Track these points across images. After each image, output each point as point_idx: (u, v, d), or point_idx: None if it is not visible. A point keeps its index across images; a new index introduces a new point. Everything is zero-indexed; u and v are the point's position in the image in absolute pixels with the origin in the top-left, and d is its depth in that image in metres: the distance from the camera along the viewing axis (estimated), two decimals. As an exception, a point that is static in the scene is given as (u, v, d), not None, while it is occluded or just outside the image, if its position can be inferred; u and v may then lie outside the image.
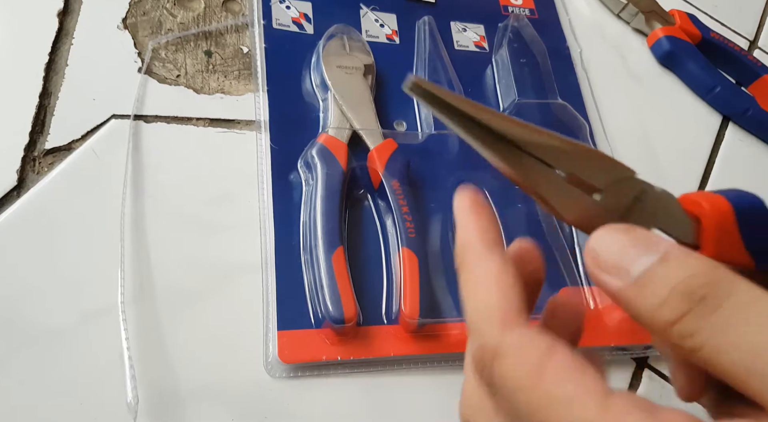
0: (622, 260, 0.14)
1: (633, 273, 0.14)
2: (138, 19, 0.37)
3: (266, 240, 0.32)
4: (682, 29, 0.49)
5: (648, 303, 0.14)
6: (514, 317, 0.15)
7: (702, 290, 0.13)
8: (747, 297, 0.13)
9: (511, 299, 0.15)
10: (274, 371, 0.29)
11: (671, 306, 0.13)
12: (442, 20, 0.43)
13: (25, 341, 0.27)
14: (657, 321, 0.14)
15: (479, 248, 0.17)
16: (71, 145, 0.32)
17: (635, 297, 0.14)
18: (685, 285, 0.13)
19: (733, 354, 0.13)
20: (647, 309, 0.14)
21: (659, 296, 0.14)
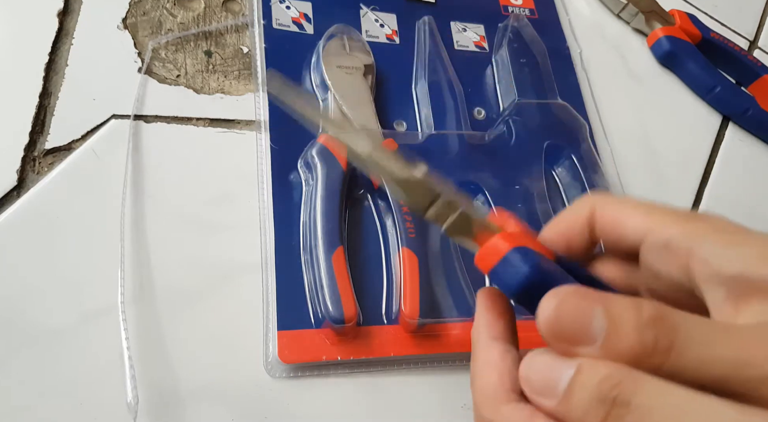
0: (549, 379, 0.16)
1: (558, 390, 0.16)
2: (138, 19, 0.37)
3: (266, 240, 0.32)
4: (682, 29, 0.49)
5: (576, 416, 0.15)
6: (506, 396, 0.18)
7: (612, 392, 0.15)
8: (653, 390, 0.14)
9: (505, 381, 0.18)
10: (274, 371, 0.29)
11: (593, 414, 0.15)
12: (442, 20, 0.43)
13: (25, 341, 0.27)
14: None
15: (484, 337, 0.20)
16: (71, 145, 0.32)
17: (566, 412, 0.16)
18: (598, 392, 0.15)
19: None
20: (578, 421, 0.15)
21: (582, 407, 0.15)
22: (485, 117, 0.40)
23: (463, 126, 0.38)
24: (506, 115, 0.40)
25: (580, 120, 0.40)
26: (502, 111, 0.41)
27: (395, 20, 0.42)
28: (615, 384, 0.15)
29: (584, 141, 0.40)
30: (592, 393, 0.15)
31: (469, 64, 0.42)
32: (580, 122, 0.40)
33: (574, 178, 0.39)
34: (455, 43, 0.43)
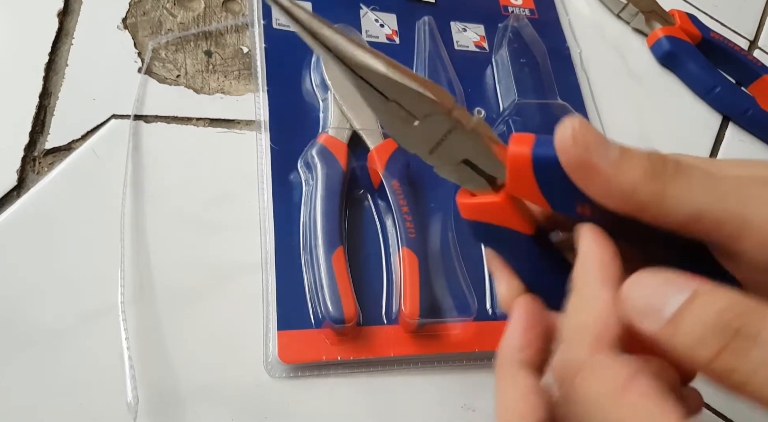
0: (655, 302, 0.15)
1: (666, 313, 0.14)
2: (138, 19, 0.37)
3: (266, 240, 0.32)
4: (682, 29, 0.49)
5: (684, 342, 0.14)
6: (609, 341, 0.16)
7: (735, 323, 0.13)
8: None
9: (610, 327, 0.16)
10: (274, 371, 0.29)
11: (707, 344, 0.13)
12: (442, 20, 0.43)
13: (24, 341, 0.27)
14: (696, 359, 0.14)
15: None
16: (71, 145, 0.32)
17: (671, 337, 0.14)
18: (717, 321, 0.13)
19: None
20: (685, 348, 0.14)
21: (694, 334, 0.14)
22: (485, 117, 0.40)
23: (463, 126, 0.38)
24: (506, 115, 0.40)
25: (580, 120, 0.40)
26: (502, 111, 0.41)
27: (395, 20, 0.42)
28: (738, 314, 0.13)
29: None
30: (709, 320, 0.13)
31: (469, 64, 0.42)
32: (580, 122, 0.40)
33: (574, 178, 0.39)
34: (455, 43, 0.43)
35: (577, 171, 0.17)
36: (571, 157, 0.17)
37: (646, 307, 0.15)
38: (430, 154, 0.20)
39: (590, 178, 0.17)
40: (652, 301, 0.15)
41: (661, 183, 0.17)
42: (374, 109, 0.20)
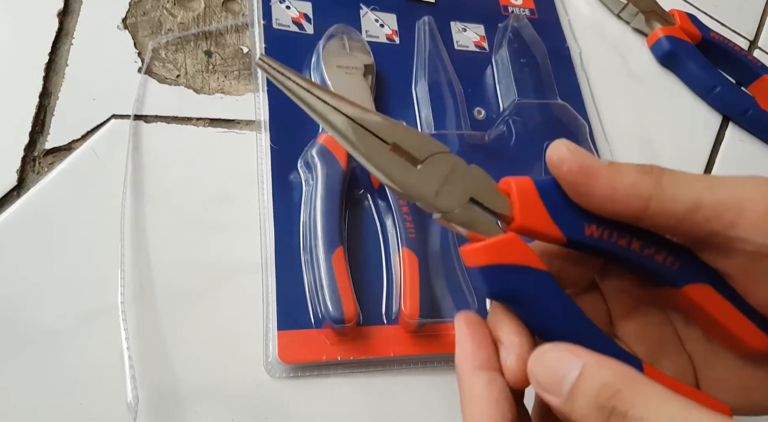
0: (555, 378, 0.16)
1: (563, 390, 0.16)
2: (138, 19, 0.37)
3: (266, 240, 0.32)
4: (682, 29, 0.49)
5: (578, 418, 0.16)
6: None
7: (611, 402, 0.15)
8: (648, 403, 0.15)
9: (493, 413, 0.18)
10: (274, 371, 0.29)
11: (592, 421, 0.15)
12: (442, 20, 0.43)
13: (24, 341, 0.27)
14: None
15: (468, 368, 0.20)
16: (71, 145, 0.32)
17: (569, 412, 0.16)
18: (598, 400, 0.15)
19: None
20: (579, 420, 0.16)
21: (584, 411, 0.15)
22: (485, 117, 0.40)
23: (463, 126, 0.38)
24: (506, 115, 0.40)
25: (580, 120, 0.40)
26: (502, 111, 0.41)
27: (395, 20, 0.42)
28: (613, 393, 0.15)
29: (584, 141, 0.40)
30: (592, 399, 0.15)
31: (469, 64, 0.42)
32: (580, 122, 0.40)
33: (574, 178, 0.39)
34: (455, 43, 0.43)
35: (578, 176, 0.18)
36: (571, 163, 0.18)
37: (548, 383, 0.17)
38: (436, 195, 0.20)
39: (591, 182, 0.18)
40: (553, 377, 0.17)
41: (656, 178, 0.18)
42: (373, 162, 0.19)
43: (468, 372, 0.20)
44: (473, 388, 0.19)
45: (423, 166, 0.20)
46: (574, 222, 0.19)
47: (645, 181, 0.18)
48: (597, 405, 0.15)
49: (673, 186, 0.18)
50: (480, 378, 0.19)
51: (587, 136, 0.40)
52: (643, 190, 0.18)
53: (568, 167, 0.18)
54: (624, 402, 0.15)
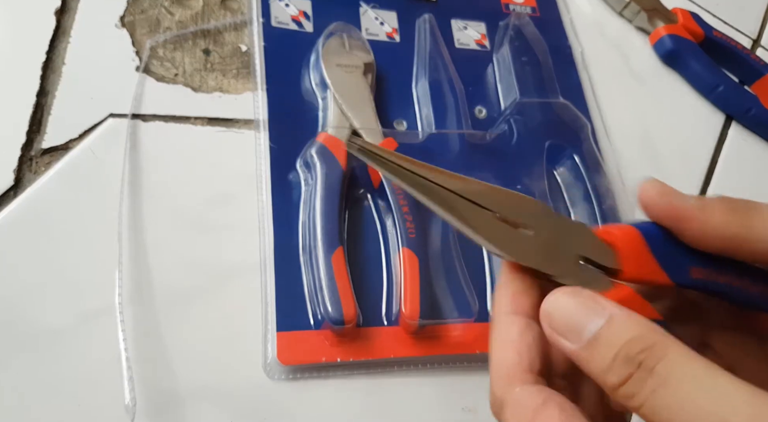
0: (574, 324, 0.16)
1: (583, 337, 0.16)
2: (136, 17, 0.37)
3: (265, 240, 0.31)
4: (684, 28, 0.49)
5: (597, 366, 0.16)
6: (522, 375, 0.17)
7: (640, 356, 0.15)
8: (676, 360, 0.15)
9: (522, 360, 0.17)
10: (273, 372, 0.29)
11: (616, 372, 0.15)
12: (443, 18, 0.43)
13: (21, 342, 0.27)
14: (606, 383, 0.15)
15: (505, 311, 0.19)
16: (69, 144, 0.32)
17: (587, 359, 0.16)
18: (626, 351, 0.15)
19: (663, 413, 0.14)
20: (597, 372, 0.16)
21: (606, 361, 0.15)
22: (486, 116, 0.40)
23: (464, 125, 0.38)
24: (507, 114, 0.39)
25: (581, 119, 0.40)
26: (504, 110, 0.40)
27: (395, 18, 0.41)
28: (644, 348, 0.15)
29: (586, 140, 0.40)
30: (618, 350, 0.15)
31: (470, 62, 0.42)
32: (582, 121, 0.40)
33: (575, 178, 0.39)
34: (456, 41, 0.42)
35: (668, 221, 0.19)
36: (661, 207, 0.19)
37: (565, 328, 0.16)
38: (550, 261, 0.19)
39: (682, 225, 0.19)
40: (572, 322, 0.16)
41: (742, 216, 0.18)
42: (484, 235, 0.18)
43: (504, 315, 0.19)
44: (507, 332, 0.18)
45: (530, 231, 0.19)
46: (681, 265, 0.19)
47: (734, 222, 0.18)
48: (623, 356, 0.15)
49: (762, 224, 0.18)
50: (515, 324, 0.18)
51: (589, 136, 0.40)
52: (733, 230, 0.18)
53: (658, 211, 0.19)
54: (653, 357, 0.15)
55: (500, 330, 0.19)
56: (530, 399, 0.16)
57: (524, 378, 0.17)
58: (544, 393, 0.17)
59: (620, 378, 0.15)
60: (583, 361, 0.16)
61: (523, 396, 0.17)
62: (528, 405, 0.16)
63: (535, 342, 0.18)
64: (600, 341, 0.16)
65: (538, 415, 0.16)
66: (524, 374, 0.17)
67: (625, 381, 0.15)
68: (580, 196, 0.38)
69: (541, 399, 0.16)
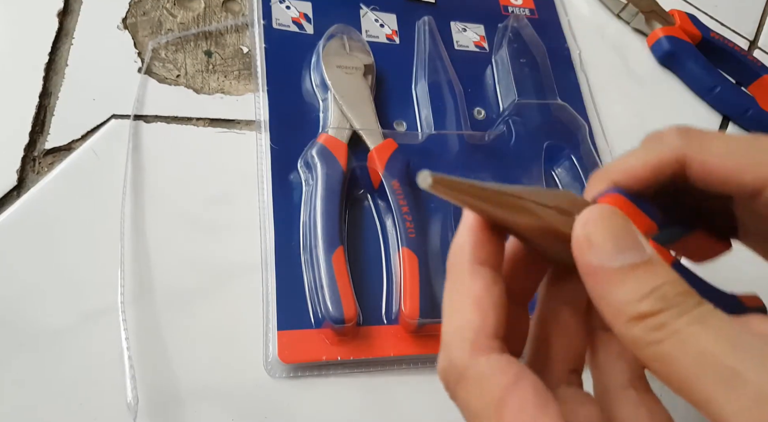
0: (613, 246, 0.15)
1: (622, 259, 0.15)
2: (138, 19, 0.37)
3: (266, 240, 0.32)
4: (682, 29, 0.49)
5: (626, 294, 0.14)
6: (487, 341, 0.15)
7: (676, 298, 0.14)
8: (708, 311, 0.14)
9: (488, 322, 0.15)
10: (274, 371, 0.29)
11: (648, 303, 0.14)
12: (442, 20, 0.43)
13: (24, 341, 0.27)
14: (629, 311, 0.14)
15: (468, 261, 0.16)
16: (71, 145, 0.32)
17: (615, 282, 0.15)
18: (664, 290, 0.14)
19: (688, 356, 0.13)
20: (623, 298, 0.14)
21: (641, 290, 0.14)
22: (485, 117, 0.40)
23: (463, 126, 0.38)
24: (506, 115, 0.39)
25: (579, 120, 0.40)
26: (502, 111, 0.41)
27: (395, 20, 0.42)
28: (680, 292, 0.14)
29: (584, 141, 0.40)
30: (657, 288, 0.14)
31: (469, 64, 0.42)
32: (580, 122, 0.40)
33: (573, 179, 0.39)
34: (455, 43, 0.43)
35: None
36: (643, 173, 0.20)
37: (602, 244, 0.15)
38: None
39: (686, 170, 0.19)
40: (616, 240, 0.15)
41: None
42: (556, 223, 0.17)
43: (466, 265, 0.16)
44: (469, 287, 0.16)
45: None
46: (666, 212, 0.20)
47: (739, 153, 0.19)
48: (661, 293, 0.14)
49: None
50: (480, 277, 0.16)
51: (587, 137, 0.40)
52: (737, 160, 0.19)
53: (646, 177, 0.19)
54: (689, 304, 0.14)
55: (461, 284, 0.16)
56: (499, 374, 0.14)
57: (490, 345, 0.15)
58: (514, 367, 0.15)
59: (652, 308, 0.14)
60: (608, 282, 0.15)
61: (490, 368, 0.15)
62: (496, 381, 0.14)
63: (501, 301, 0.16)
64: (639, 271, 0.14)
65: (509, 394, 0.14)
66: (489, 340, 0.15)
67: (656, 314, 0.14)
68: (579, 197, 0.39)
69: (512, 374, 0.14)
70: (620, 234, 0.15)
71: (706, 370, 0.13)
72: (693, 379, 0.13)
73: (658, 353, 0.14)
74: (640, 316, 0.14)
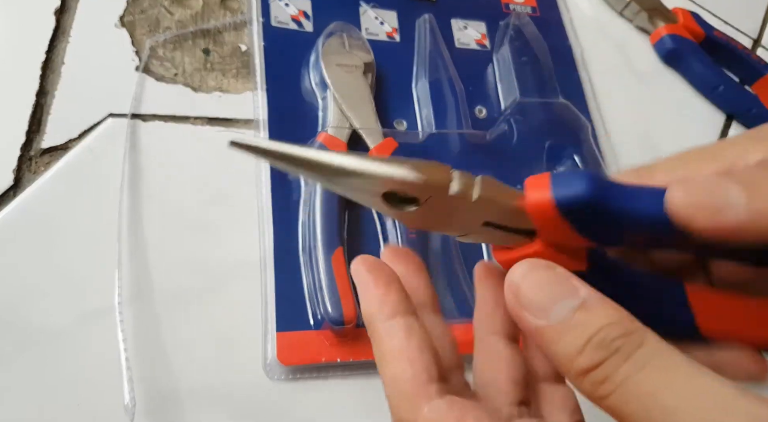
0: (545, 300, 0.15)
1: (553, 316, 0.14)
2: (135, 17, 0.37)
3: (265, 240, 0.31)
4: (685, 27, 0.49)
5: (566, 349, 0.14)
6: (424, 389, 0.15)
7: (617, 342, 0.14)
8: (655, 349, 0.14)
9: (419, 372, 0.16)
10: (273, 373, 0.29)
11: (588, 355, 0.14)
12: (443, 18, 0.42)
13: (21, 342, 0.27)
14: (573, 367, 0.14)
15: (380, 319, 0.17)
16: (68, 144, 0.32)
17: (554, 340, 0.14)
18: (601, 336, 0.14)
19: (634, 403, 0.13)
20: (564, 354, 0.14)
21: (578, 343, 0.14)
22: (486, 116, 0.40)
23: (464, 125, 0.38)
24: (507, 113, 0.39)
25: (582, 119, 0.40)
26: (504, 110, 0.40)
27: (395, 18, 0.41)
28: (621, 334, 0.14)
29: (586, 140, 0.40)
30: (594, 334, 0.14)
31: (470, 62, 0.42)
32: (582, 121, 0.40)
33: (575, 178, 0.39)
34: (456, 40, 0.42)
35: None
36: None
37: (533, 303, 0.15)
38: (444, 231, 0.18)
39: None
40: (542, 297, 0.15)
41: None
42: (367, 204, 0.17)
43: (380, 323, 0.16)
44: (389, 342, 0.16)
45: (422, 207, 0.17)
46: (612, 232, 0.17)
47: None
48: (598, 340, 0.14)
49: None
50: (396, 329, 0.16)
51: (589, 136, 0.40)
52: None
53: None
54: (631, 344, 0.14)
55: (382, 342, 0.17)
56: (446, 415, 0.15)
57: (428, 392, 0.15)
58: (456, 406, 0.15)
59: (592, 362, 0.14)
60: (548, 341, 0.15)
61: (434, 415, 0.15)
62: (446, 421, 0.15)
63: (425, 344, 0.16)
64: (572, 323, 0.14)
65: None
66: (425, 386, 0.15)
67: (597, 366, 0.14)
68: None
69: (456, 414, 0.15)
70: (547, 287, 0.15)
71: (654, 416, 0.13)
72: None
73: (609, 406, 0.14)
74: (583, 371, 0.14)
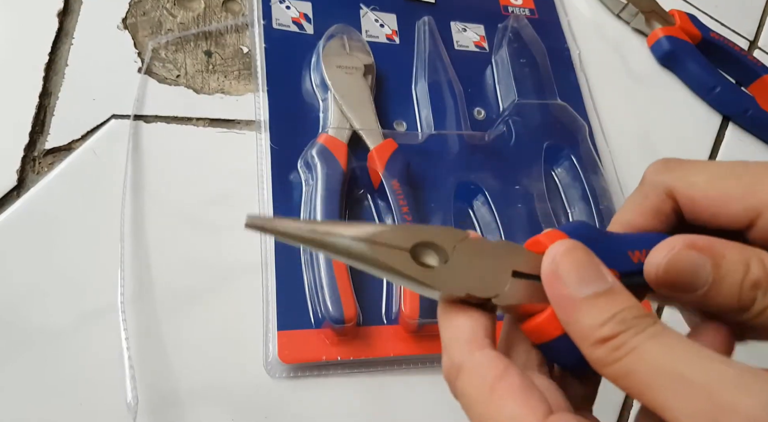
0: (581, 276, 0.17)
1: (585, 290, 0.17)
2: (138, 19, 0.37)
3: (266, 240, 0.32)
4: (682, 29, 0.49)
5: (592, 320, 0.17)
6: (480, 339, 0.18)
7: (633, 321, 0.16)
8: (661, 329, 0.16)
9: (480, 324, 0.18)
10: (274, 371, 0.29)
11: (609, 327, 0.16)
12: (442, 20, 0.43)
13: (24, 341, 0.27)
14: (594, 335, 0.16)
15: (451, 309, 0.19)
16: (71, 145, 0.32)
17: (581, 310, 0.17)
18: (623, 315, 0.16)
19: (644, 366, 0.15)
20: (589, 324, 0.17)
21: (602, 317, 0.16)
22: (485, 117, 0.40)
23: (463, 126, 0.38)
24: (506, 115, 0.40)
25: (579, 120, 0.40)
26: (502, 111, 0.41)
27: (395, 20, 0.42)
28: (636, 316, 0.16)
29: (583, 141, 0.40)
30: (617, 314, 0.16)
31: (469, 64, 0.42)
32: (580, 123, 0.40)
33: (573, 179, 0.39)
34: (455, 43, 0.43)
35: None
36: None
37: (571, 275, 0.17)
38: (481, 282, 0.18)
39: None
40: (579, 273, 0.17)
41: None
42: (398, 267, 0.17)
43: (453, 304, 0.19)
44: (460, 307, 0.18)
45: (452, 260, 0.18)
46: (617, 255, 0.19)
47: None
48: (620, 317, 0.16)
49: None
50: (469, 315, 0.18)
51: (587, 137, 0.40)
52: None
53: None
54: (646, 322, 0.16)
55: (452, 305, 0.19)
56: (491, 365, 0.17)
57: (483, 342, 0.18)
58: (503, 360, 0.17)
59: (612, 332, 0.16)
60: (575, 310, 0.17)
61: (484, 361, 0.17)
62: (488, 372, 0.17)
63: (490, 318, 0.18)
64: (601, 299, 0.17)
65: (499, 382, 0.16)
66: (482, 338, 0.18)
67: (615, 336, 0.16)
68: (578, 197, 0.39)
69: (502, 366, 0.17)
70: (584, 266, 0.17)
71: (661, 379, 0.15)
72: (651, 388, 0.15)
73: (619, 369, 0.16)
74: (603, 340, 0.16)
